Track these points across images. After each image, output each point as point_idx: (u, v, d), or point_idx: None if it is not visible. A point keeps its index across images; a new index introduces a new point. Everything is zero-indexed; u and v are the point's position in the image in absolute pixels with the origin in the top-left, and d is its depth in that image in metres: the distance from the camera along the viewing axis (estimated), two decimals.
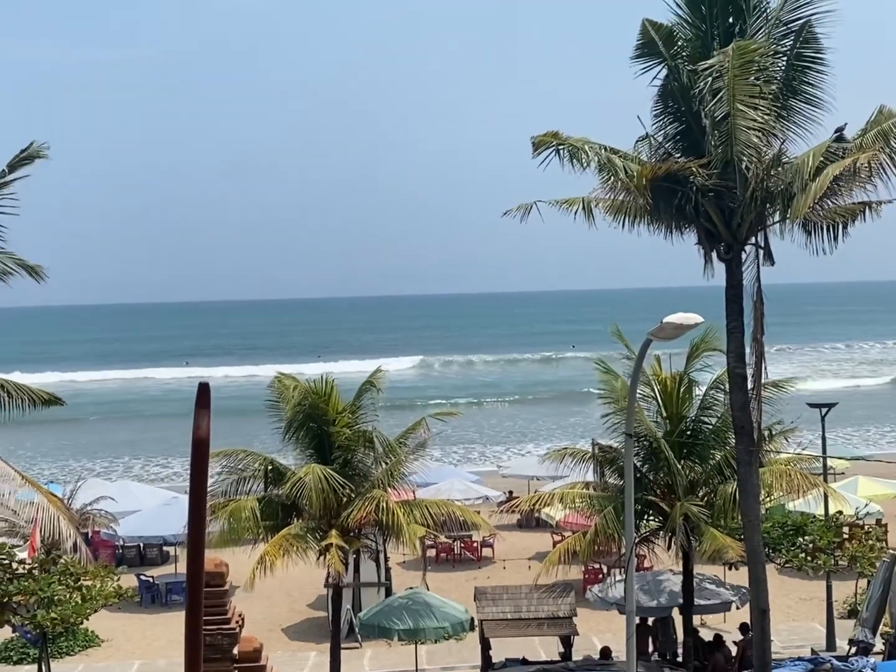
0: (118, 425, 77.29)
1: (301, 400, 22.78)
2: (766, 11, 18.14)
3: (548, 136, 17.90)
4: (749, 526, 18.81)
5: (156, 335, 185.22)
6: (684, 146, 18.52)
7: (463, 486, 39.44)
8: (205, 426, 5.50)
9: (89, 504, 32.09)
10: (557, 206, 18.45)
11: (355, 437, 23.19)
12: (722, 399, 21.86)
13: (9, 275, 16.18)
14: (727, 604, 24.10)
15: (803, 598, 30.50)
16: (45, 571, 21.70)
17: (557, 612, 23.10)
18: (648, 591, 23.61)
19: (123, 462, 59.20)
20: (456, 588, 31.25)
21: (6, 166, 15.61)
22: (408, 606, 23.19)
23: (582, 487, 23.39)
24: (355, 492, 22.67)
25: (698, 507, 21.32)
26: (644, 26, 18.45)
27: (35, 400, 17.24)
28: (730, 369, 18.73)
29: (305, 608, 31.67)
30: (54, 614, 21.21)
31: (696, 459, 22.45)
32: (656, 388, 22.36)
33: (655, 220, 18.57)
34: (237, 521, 21.91)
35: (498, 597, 23.51)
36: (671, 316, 12.35)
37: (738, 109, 16.77)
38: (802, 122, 18.24)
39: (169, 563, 35.97)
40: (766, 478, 21.34)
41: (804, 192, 16.41)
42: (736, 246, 18.10)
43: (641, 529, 22.44)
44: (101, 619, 26.46)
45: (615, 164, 17.73)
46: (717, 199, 17.70)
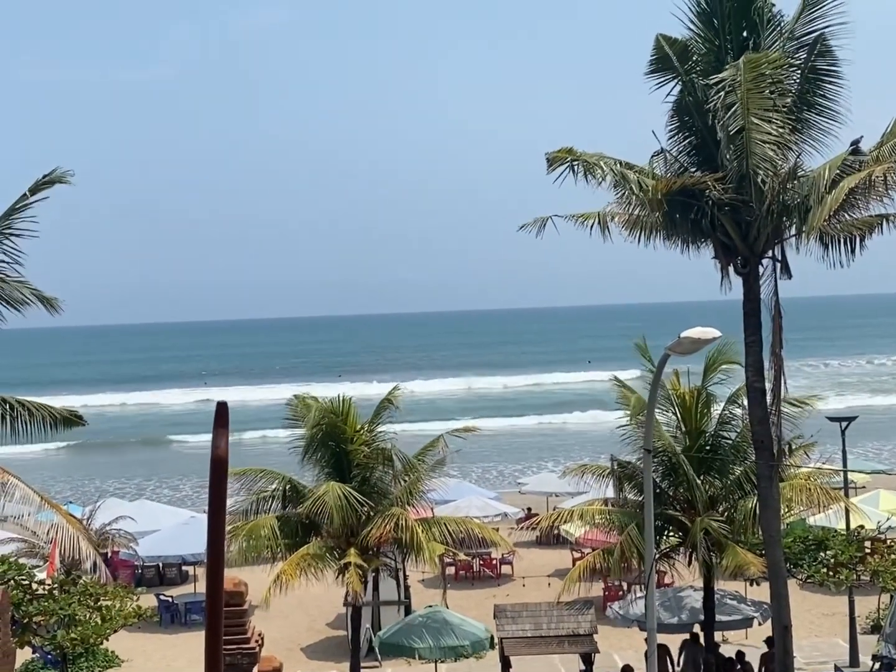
0: (131, 447, 77.38)
1: (319, 419, 22.81)
2: (781, 25, 18.15)
3: (562, 153, 17.92)
4: (770, 541, 18.69)
5: (173, 355, 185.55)
6: (699, 160, 18.51)
7: (481, 503, 39.36)
8: (223, 445, 5.50)
9: (108, 524, 32.14)
10: (573, 220, 18.48)
11: (374, 454, 23.19)
12: (740, 414, 21.76)
13: (25, 305, 16.25)
14: (749, 620, 23.91)
15: (826, 614, 30.24)
16: (65, 592, 21.74)
17: (578, 630, 22.96)
18: (669, 608, 23.45)
19: (135, 483, 59.28)
20: (475, 606, 31.12)
21: (28, 190, 15.72)
22: (427, 625, 23.09)
23: (601, 504, 23.29)
24: (374, 510, 22.65)
25: (718, 523, 21.20)
26: (658, 42, 18.48)
27: (56, 419, 17.27)
28: (748, 384, 18.64)
29: (324, 627, 31.60)
30: (74, 634, 21.23)
31: (716, 474, 22.34)
32: (675, 403, 22.29)
33: (671, 234, 18.56)
34: (256, 540, 21.92)
35: (518, 614, 23.39)
36: (689, 330, 12.33)
37: (752, 123, 16.75)
38: (818, 134, 18.22)
39: (188, 582, 35.98)
40: (787, 492, 21.20)
41: (820, 205, 16.37)
42: (753, 259, 18.05)
43: (661, 545, 22.32)
44: (120, 640, 26.45)
45: (630, 179, 17.73)
46: (733, 212, 17.67)
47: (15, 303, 16.23)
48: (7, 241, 15.90)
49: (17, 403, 16.95)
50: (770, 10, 18.14)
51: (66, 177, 15.77)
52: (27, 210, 15.79)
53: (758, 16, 18.03)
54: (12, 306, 16.28)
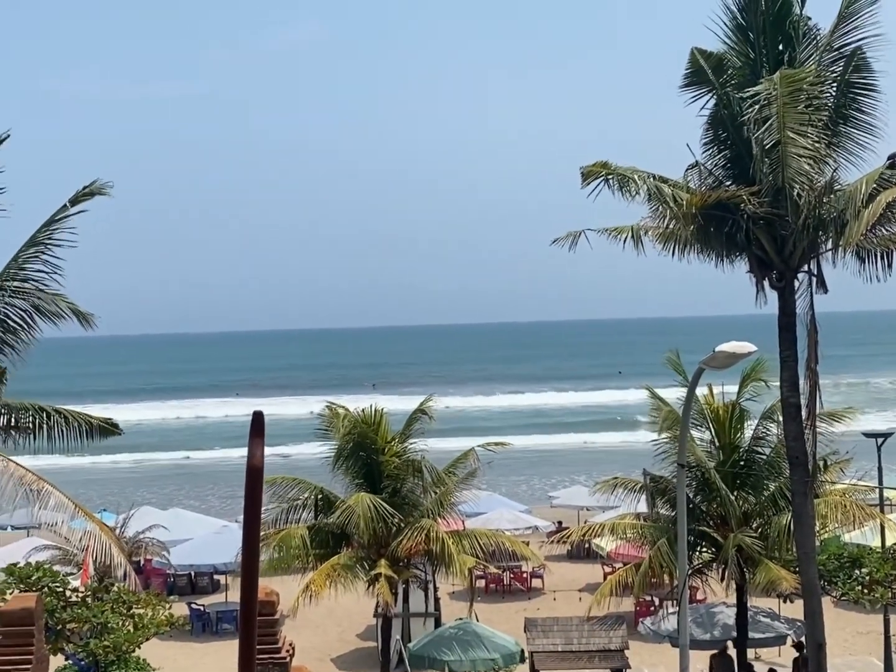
0: (160, 458, 77.69)
1: (351, 429, 22.89)
2: (816, 38, 18.05)
3: (597, 167, 17.90)
4: (804, 558, 18.51)
5: (206, 367, 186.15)
6: (734, 174, 18.42)
7: (512, 515, 39.26)
8: (259, 455, 5.53)
9: (142, 532, 32.33)
10: (606, 234, 18.43)
11: (404, 466, 23.22)
12: (775, 429, 21.60)
13: (60, 318, 16.42)
14: (782, 637, 23.68)
15: (860, 632, 29.88)
16: (98, 599, 21.89)
17: (609, 645, 22.84)
18: (702, 624, 23.27)
19: (166, 494, 59.51)
20: (506, 619, 31.00)
21: (68, 201, 15.89)
22: (458, 637, 23.05)
23: (633, 518, 23.17)
24: (405, 521, 22.66)
25: (752, 539, 21.03)
26: (693, 55, 18.44)
27: (92, 427, 17.39)
28: (783, 399, 18.50)
29: (354, 638, 31.59)
30: (107, 642, 21.34)
31: (750, 490, 22.17)
32: (709, 418, 22.16)
33: (706, 248, 18.46)
34: (287, 549, 21.99)
35: (548, 628, 23.31)
36: (724, 345, 12.27)
37: (788, 137, 16.66)
38: (854, 148, 18.09)
39: (220, 591, 36.11)
40: (821, 509, 21.00)
41: (857, 220, 16.24)
42: (788, 274, 17.93)
43: (694, 561, 22.16)
44: (152, 648, 26.53)
45: (664, 193, 17.67)
46: (768, 226, 17.56)
47: (51, 316, 16.40)
48: (47, 251, 16.09)
49: (53, 411, 17.11)
50: (806, 24, 18.05)
51: (106, 188, 15.94)
52: (67, 221, 15.97)
53: (793, 29, 17.94)
54: (48, 318, 16.46)
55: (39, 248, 16.10)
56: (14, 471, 16.59)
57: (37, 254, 16.12)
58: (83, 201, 15.88)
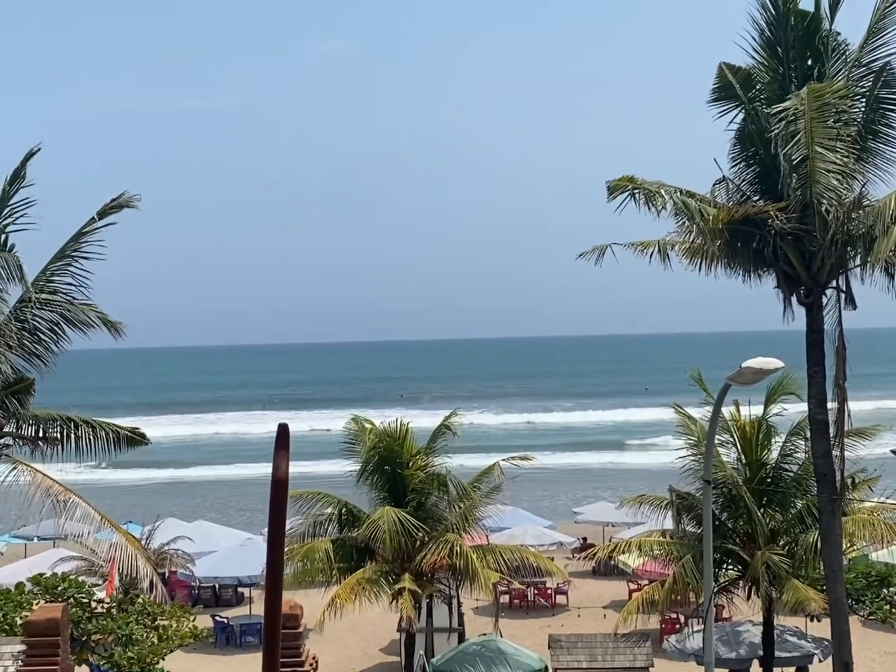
0: (185, 471, 77.87)
1: (376, 443, 22.91)
2: (846, 54, 17.98)
3: (623, 181, 17.87)
4: (832, 576, 18.35)
5: (233, 380, 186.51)
6: (762, 189, 18.36)
7: (537, 531, 39.11)
8: (284, 467, 5.54)
9: (167, 544, 32.45)
10: (633, 248, 18.39)
11: (429, 480, 23.21)
12: (803, 445, 21.43)
13: (90, 328, 16.54)
14: (809, 656, 23.42)
15: (888, 652, 29.53)
16: (123, 611, 21.98)
17: (634, 663, 22.69)
18: (727, 642, 23.06)
19: (190, 506, 59.49)
20: (530, 635, 30.85)
21: (96, 214, 16.03)
22: (481, 653, 22.95)
23: (659, 535, 23.03)
24: (429, 535, 22.63)
25: (779, 557, 20.84)
26: (721, 70, 18.41)
27: (119, 437, 17.46)
28: (811, 415, 18.37)
29: (378, 652, 31.53)
30: (131, 654, 21.42)
31: (777, 507, 21.99)
32: (735, 434, 22.01)
33: (733, 263, 18.40)
34: (311, 563, 22.01)
35: (573, 645, 23.18)
36: (750, 360, 12.17)
37: (816, 152, 16.58)
38: (883, 164, 18.01)
39: (244, 604, 36.16)
40: (849, 527, 20.80)
41: (886, 235, 16.15)
42: (816, 290, 17.83)
43: (720, 578, 21.98)
44: (176, 660, 26.58)
45: (691, 208, 17.63)
46: (796, 242, 17.48)
47: (80, 325, 16.52)
48: (76, 263, 16.22)
49: (81, 421, 17.21)
50: (835, 39, 17.99)
51: (134, 201, 16.06)
52: (95, 234, 16.10)
53: (822, 44, 17.89)
54: (78, 328, 16.58)
55: (68, 261, 16.23)
56: (41, 482, 16.71)
57: (65, 266, 16.26)
58: (111, 214, 16.01)
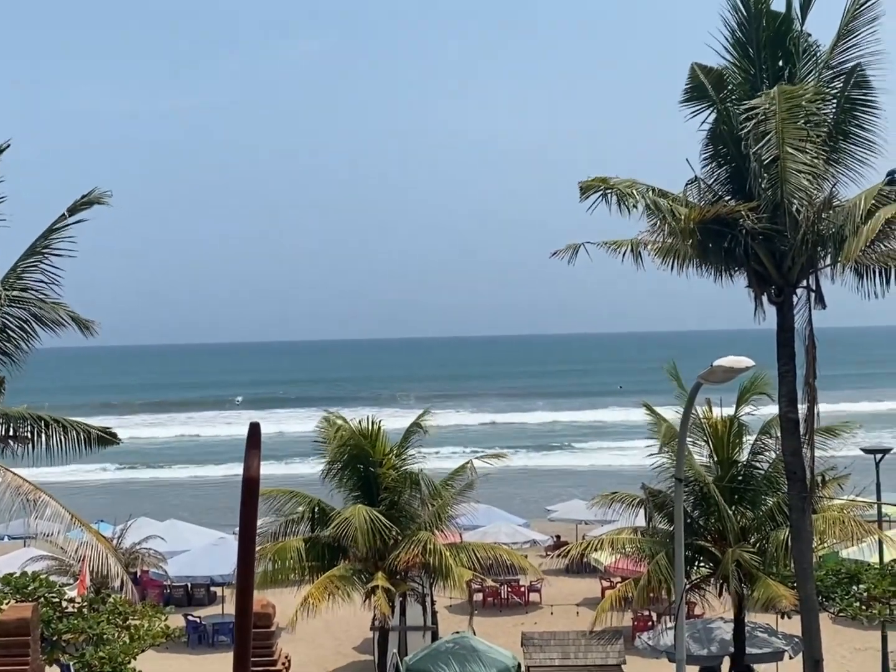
0: (156, 471, 77.27)
1: (347, 439, 22.89)
2: (816, 55, 18.12)
3: (595, 181, 17.92)
4: (802, 573, 18.49)
5: (207, 379, 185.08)
6: (734, 189, 18.47)
7: (510, 529, 39.19)
8: (255, 466, 5.55)
9: (138, 543, 32.28)
10: (605, 247, 18.46)
11: (401, 478, 23.21)
12: (773, 444, 21.60)
13: (61, 326, 16.41)
14: (780, 653, 23.60)
15: (858, 649, 29.79)
16: (95, 610, 21.82)
17: (606, 660, 22.80)
18: (699, 640, 23.20)
19: (163, 506, 58.87)
20: (503, 633, 30.90)
21: (66, 210, 15.92)
22: (455, 651, 22.98)
23: (631, 532, 23.15)
24: (402, 534, 22.64)
25: (750, 554, 21.00)
26: (693, 70, 18.50)
27: (91, 437, 17.33)
28: (781, 414, 18.50)
29: (351, 651, 31.50)
30: (102, 653, 21.26)
31: (748, 505, 22.16)
32: (707, 432, 22.16)
33: (704, 262, 18.51)
34: (283, 562, 21.96)
35: (545, 643, 23.27)
36: (722, 359, 12.26)
37: (787, 152, 16.70)
38: (853, 164, 18.15)
39: (216, 603, 36.00)
40: (819, 524, 20.99)
41: (856, 236, 16.28)
42: (787, 289, 17.96)
43: (692, 576, 22.12)
44: (148, 660, 26.40)
45: (662, 208, 17.70)
46: (767, 242, 17.60)
47: (51, 324, 16.40)
48: (46, 261, 16.10)
49: (51, 420, 17.08)
50: (806, 40, 18.12)
51: (105, 198, 15.95)
52: (66, 231, 15.99)
53: (793, 45, 18.01)
54: (48, 327, 16.45)
55: (38, 258, 16.11)
56: (11, 480, 16.56)
57: (35, 263, 16.13)
58: (81, 210, 15.90)
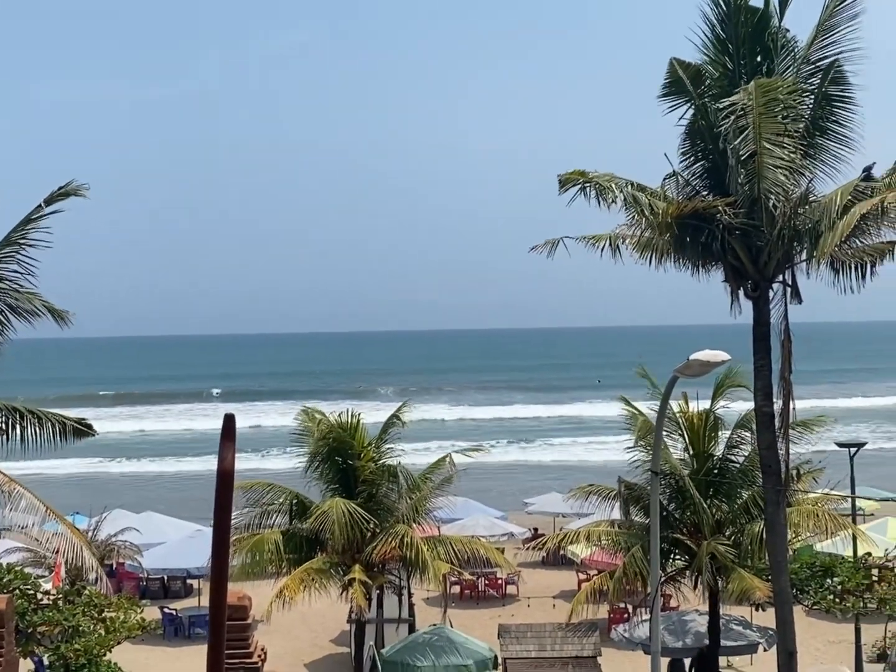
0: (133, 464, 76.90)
1: (326, 433, 22.86)
2: (795, 51, 18.19)
3: (575, 174, 17.95)
4: (776, 566, 18.62)
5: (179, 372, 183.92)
6: (711, 184, 18.54)
7: (488, 522, 39.28)
8: (230, 458, 5.52)
9: (114, 535, 32.14)
10: (584, 241, 18.50)
11: (380, 471, 23.21)
12: (749, 438, 21.72)
13: (36, 316, 16.34)
14: (754, 645, 23.79)
15: (832, 641, 30.03)
16: (70, 602, 21.74)
17: (582, 652, 22.90)
18: (674, 632, 23.35)
19: (139, 498, 58.50)
20: (480, 625, 30.98)
21: (43, 201, 15.84)
22: (431, 643, 23.04)
23: (607, 525, 23.24)
24: (379, 526, 22.64)
25: (725, 547, 21.13)
26: (672, 65, 18.54)
27: (66, 428, 17.26)
28: (757, 408, 18.61)
29: (328, 643, 31.51)
30: (78, 646, 21.19)
31: (723, 498, 22.29)
32: (683, 426, 22.26)
33: (682, 257, 18.58)
34: (260, 554, 21.92)
35: (522, 635, 23.34)
36: (698, 353, 12.32)
37: (764, 148, 16.77)
38: (830, 160, 18.24)
39: (192, 595, 35.92)
40: (794, 518, 21.14)
41: (832, 231, 16.37)
42: (763, 284, 18.05)
43: (667, 568, 22.24)
44: (124, 652, 26.36)
45: (640, 202, 17.76)
46: (743, 236, 17.68)
47: (26, 314, 16.31)
48: (22, 251, 16.01)
49: (26, 412, 16.99)
50: (784, 36, 18.19)
51: (82, 189, 15.88)
52: (42, 221, 15.91)
53: (772, 41, 18.08)
54: (23, 317, 16.36)
55: (14, 248, 16.02)
56: None
57: (11, 254, 16.04)
58: (58, 201, 15.83)
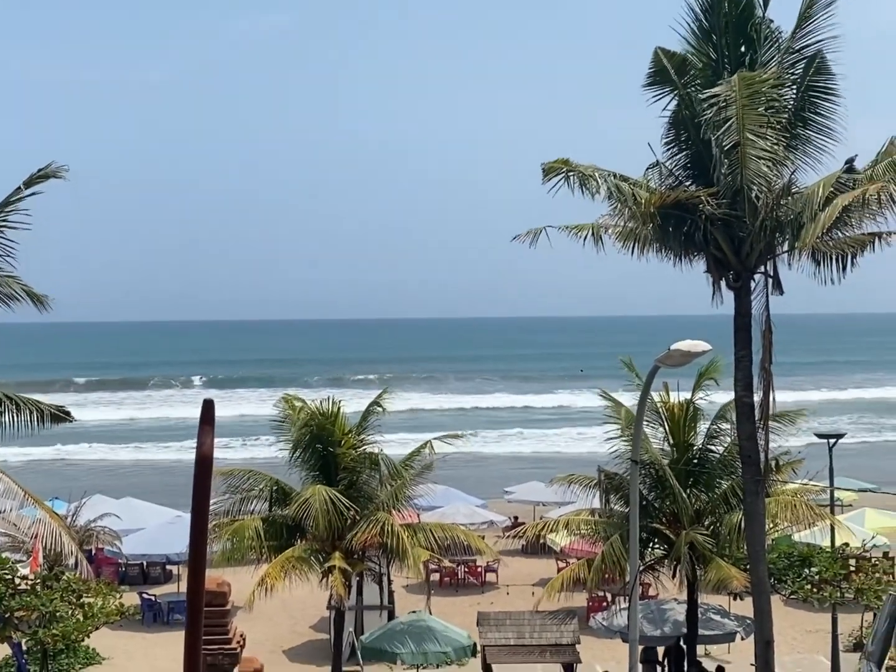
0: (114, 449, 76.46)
1: (307, 420, 22.81)
2: (778, 41, 18.21)
3: (558, 163, 17.94)
4: (754, 556, 18.72)
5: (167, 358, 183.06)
6: (694, 174, 18.56)
7: (468, 510, 39.36)
8: (209, 443, 5.52)
9: (93, 521, 32.05)
10: (567, 231, 18.50)
11: (361, 458, 23.20)
12: (728, 428, 21.81)
13: (14, 300, 16.24)
14: (731, 634, 23.94)
15: (809, 631, 30.26)
16: (48, 587, 21.67)
17: (560, 640, 22.96)
18: (653, 620, 23.46)
19: (119, 484, 58.20)
20: (459, 613, 31.06)
21: (22, 183, 15.73)
22: (410, 630, 23.08)
23: (588, 514, 23.32)
24: (360, 514, 22.64)
25: (704, 536, 21.23)
26: (656, 55, 18.53)
27: (44, 414, 17.18)
28: (737, 398, 18.68)
29: (308, 630, 31.54)
30: (56, 631, 21.14)
31: (703, 488, 22.39)
32: (664, 416, 22.33)
33: (664, 247, 18.59)
34: (240, 541, 21.88)
35: (501, 622, 23.39)
36: (679, 343, 12.36)
37: (747, 138, 16.80)
38: (813, 152, 18.30)
39: (172, 581, 35.88)
40: (772, 508, 21.25)
41: (813, 222, 16.44)
42: (745, 274, 18.10)
43: (646, 557, 22.34)
44: (102, 637, 26.33)
45: (623, 192, 17.76)
46: (726, 227, 17.71)
47: (4, 298, 16.21)
48: (0, 234, 15.90)
49: (3, 397, 16.89)
50: (768, 27, 18.22)
51: (61, 171, 15.78)
52: (21, 203, 15.80)
53: (755, 31, 18.10)
54: (2, 301, 16.26)
55: None
56: None
57: None
58: (38, 184, 15.72)
